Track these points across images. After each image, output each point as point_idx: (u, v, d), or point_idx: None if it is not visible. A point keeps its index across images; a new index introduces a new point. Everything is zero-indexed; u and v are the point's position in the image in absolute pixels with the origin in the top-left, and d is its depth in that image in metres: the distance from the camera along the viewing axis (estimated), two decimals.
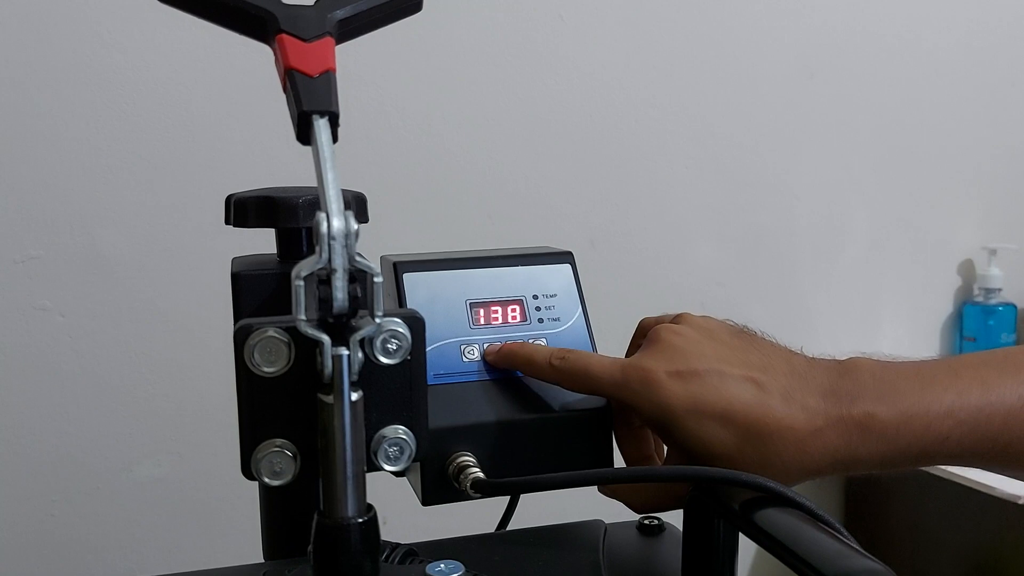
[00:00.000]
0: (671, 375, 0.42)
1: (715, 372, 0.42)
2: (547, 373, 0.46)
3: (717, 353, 0.43)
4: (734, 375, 0.42)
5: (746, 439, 0.40)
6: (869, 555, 0.31)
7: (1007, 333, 1.37)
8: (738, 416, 0.40)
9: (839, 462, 0.41)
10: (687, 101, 1.16)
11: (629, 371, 0.43)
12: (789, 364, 0.43)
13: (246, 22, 0.37)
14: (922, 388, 0.41)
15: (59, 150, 0.88)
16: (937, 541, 1.21)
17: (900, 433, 0.40)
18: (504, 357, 0.47)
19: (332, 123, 0.34)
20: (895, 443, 0.40)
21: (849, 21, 1.26)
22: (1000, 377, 0.41)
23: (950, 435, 0.40)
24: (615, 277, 1.14)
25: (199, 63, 0.91)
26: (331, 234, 0.30)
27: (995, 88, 1.40)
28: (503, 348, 0.48)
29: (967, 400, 0.41)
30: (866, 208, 1.32)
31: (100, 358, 0.91)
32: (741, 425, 0.40)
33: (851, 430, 0.40)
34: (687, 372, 0.42)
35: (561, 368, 0.45)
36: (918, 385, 0.41)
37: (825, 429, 0.40)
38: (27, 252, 0.88)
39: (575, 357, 0.45)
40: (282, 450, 0.33)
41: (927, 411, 0.40)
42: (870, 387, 0.41)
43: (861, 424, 0.40)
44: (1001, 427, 0.40)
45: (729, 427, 0.40)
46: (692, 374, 0.42)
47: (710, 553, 0.39)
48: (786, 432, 0.40)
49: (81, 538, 0.93)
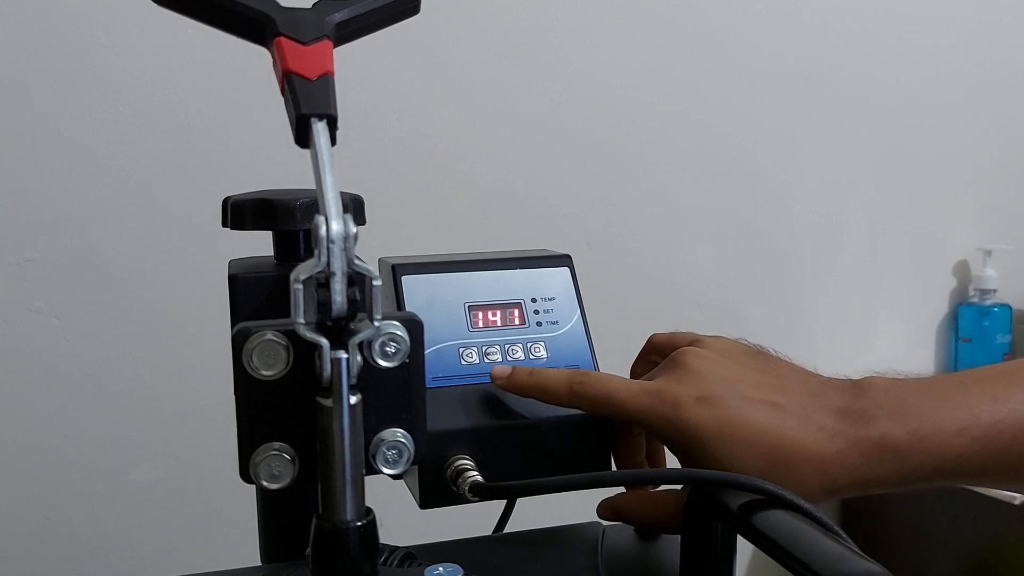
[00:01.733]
0: (697, 400, 0.42)
1: (737, 396, 0.42)
2: (566, 399, 0.45)
3: (738, 376, 0.43)
4: (755, 399, 0.42)
5: (771, 463, 0.41)
6: (867, 557, 0.31)
7: (1002, 334, 1.38)
8: (761, 440, 0.41)
9: (858, 481, 0.41)
10: (685, 102, 1.16)
11: (656, 396, 0.43)
12: (805, 384, 0.43)
13: (244, 25, 0.37)
14: (934, 406, 0.41)
15: (55, 152, 0.88)
16: (935, 542, 1.22)
17: (915, 452, 0.40)
18: (515, 386, 0.46)
19: (330, 126, 0.34)
20: (910, 462, 0.40)
21: (847, 23, 1.26)
22: (1009, 390, 0.42)
23: (963, 453, 0.40)
24: (612, 278, 1.14)
25: (197, 65, 0.91)
26: (330, 237, 0.30)
27: (992, 89, 1.40)
28: (513, 376, 0.46)
29: (979, 416, 0.41)
30: (863, 209, 1.32)
31: (97, 361, 0.91)
32: (765, 449, 0.41)
33: (869, 451, 0.40)
34: (712, 397, 0.42)
35: (582, 394, 0.44)
36: (929, 403, 0.41)
37: (845, 451, 0.40)
38: (23, 255, 0.88)
39: (594, 381, 0.44)
40: (280, 453, 0.33)
41: (940, 429, 0.40)
42: (884, 406, 0.41)
43: (878, 444, 0.40)
44: (1012, 441, 0.41)
45: (753, 451, 0.41)
46: (717, 399, 0.42)
47: (708, 555, 0.39)
48: (808, 455, 0.40)
49: (78, 541, 0.93)
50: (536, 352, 0.49)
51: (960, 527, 1.17)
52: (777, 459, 0.40)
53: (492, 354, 0.48)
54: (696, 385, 0.43)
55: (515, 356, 0.49)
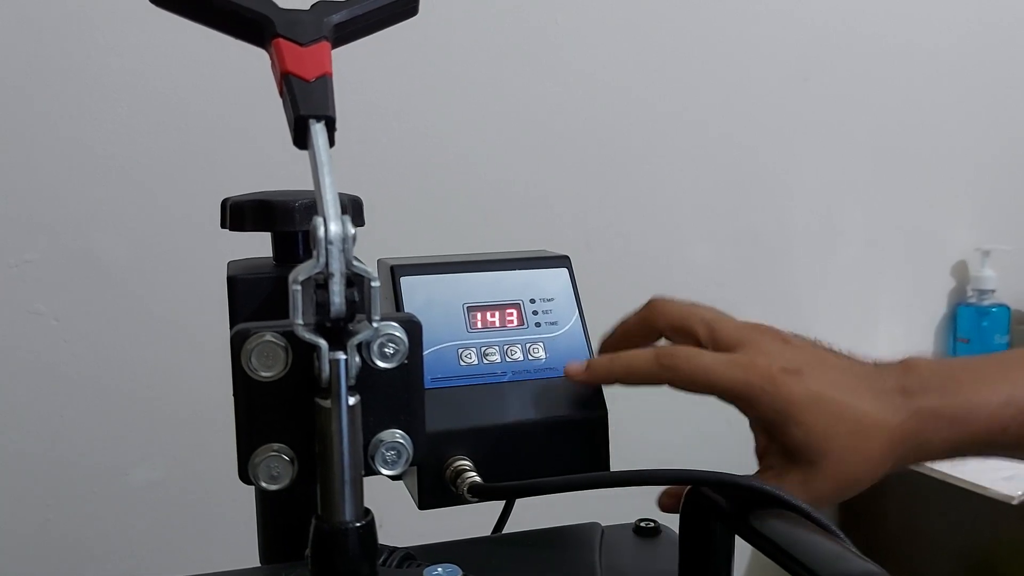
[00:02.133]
0: (788, 373, 0.43)
1: (819, 372, 0.43)
2: (657, 376, 0.45)
3: (811, 355, 0.45)
4: (832, 376, 0.43)
5: (853, 434, 0.42)
6: (864, 557, 0.31)
7: (1000, 334, 1.38)
8: (846, 413, 0.42)
9: (917, 449, 0.43)
10: (683, 103, 1.17)
11: (750, 369, 0.43)
12: (858, 364, 0.46)
13: (242, 26, 0.37)
14: (978, 380, 0.44)
15: (54, 153, 0.88)
16: (933, 542, 1.22)
17: (968, 420, 0.43)
18: (598, 377, 0.47)
19: (329, 127, 0.34)
20: (964, 430, 0.43)
21: (846, 23, 1.26)
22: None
23: (1010, 425, 0.43)
24: (611, 279, 1.14)
25: (196, 66, 0.91)
26: (328, 239, 0.30)
27: (991, 90, 1.40)
28: (592, 368, 0.47)
29: (1022, 391, 0.43)
30: (861, 209, 1.32)
31: (95, 362, 0.91)
32: (850, 423, 0.42)
33: (926, 420, 0.42)
34: (795, 370, 0.43)
35: (675, 367, 0.44)
36: (973, 377, 0.44)
37: (906, 421, 0.42)
38: (22, 256, 0.88)
39: (685, 355, 0.45)
40: (279, 454, 0.33)
41: (988, 400, 0.43)
42: (933, 381, 0.43)
43: (935, 413, 0.42)
44: None
45: (840, 424, 0.42)
46: (806, 373, 0.43)
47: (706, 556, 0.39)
48: (881, 427, 0.42)
49: (77, 542, 0.93)
50: (535, 353, 0.49)
51: (959, 527, 1.17)
52: (859, 431, 0.42)
53: (491, 355, 0.48)
54: (781, 358, 0.44)
55: (514, 357, 0.49)
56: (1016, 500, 1.07)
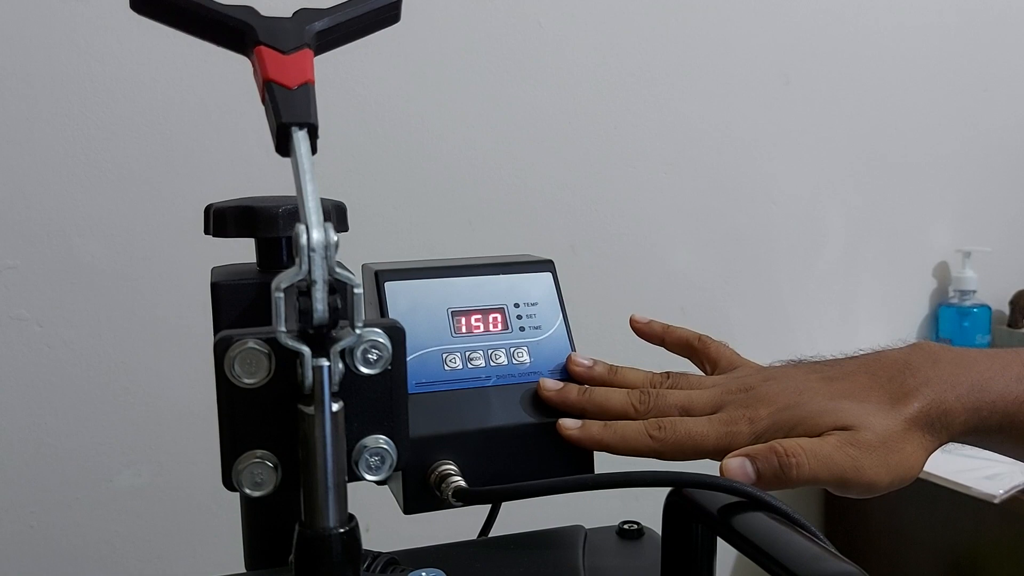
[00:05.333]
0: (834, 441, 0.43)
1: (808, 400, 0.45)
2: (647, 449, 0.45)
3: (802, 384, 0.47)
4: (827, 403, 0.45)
5: (868, 450, 0.43)
6: (844, 558, 0.32)
7: (982, 334, 1.39)
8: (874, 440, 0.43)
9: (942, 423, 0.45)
10: (666, 106, 1.17)
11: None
12: (870, 370, 0.47)
13: (224, 34, 0.37)
14: (989, 359, 0.46)
15: (35, 158, 0.87)
16: (915, 542, 1.23)
17: (985, 389, 0.45)
18: (590, 440, 0.46)
19: (311, 135, 0.34)
20: (982, 399, 0.45)
21: (827, 27, 1.27)
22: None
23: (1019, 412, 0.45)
24: (596, 282, 1.15)
25: (178, 73, 0.91)
26: (311, 246, 0.30)
27: (969, 92, 1.42)
28: (585, 429, 0.46)
29: None
30: (843, 212, 1.34)
31: (79, 368, 0.91)
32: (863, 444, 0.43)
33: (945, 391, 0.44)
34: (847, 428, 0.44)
35: (662, 439, 0.45)
36: (983, 356, 0.46)
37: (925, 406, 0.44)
38: (4, 262, 0.87)
39: (672, 426, 0.45)
40: (263, 461, 0.33)
41: (1001, 375, 0.45)
42: (944, 353, 0.46)
43: (952, 382, 0.45)
44: None
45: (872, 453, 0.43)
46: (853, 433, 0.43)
47: (688, 557, 0.39)
48: (903, 451, 0.43)
49: (61, 549, 0.92)
50: (519, 357, 0.49)
51: (940, 526, 1.18)
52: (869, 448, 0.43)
53: (475, 359, 0.49)
54: None
55: (498, 361, 0.49)
56: (997, 499, 1.08)
